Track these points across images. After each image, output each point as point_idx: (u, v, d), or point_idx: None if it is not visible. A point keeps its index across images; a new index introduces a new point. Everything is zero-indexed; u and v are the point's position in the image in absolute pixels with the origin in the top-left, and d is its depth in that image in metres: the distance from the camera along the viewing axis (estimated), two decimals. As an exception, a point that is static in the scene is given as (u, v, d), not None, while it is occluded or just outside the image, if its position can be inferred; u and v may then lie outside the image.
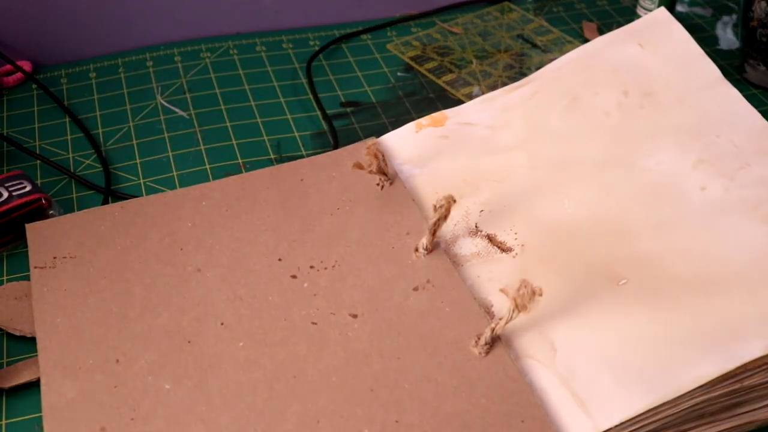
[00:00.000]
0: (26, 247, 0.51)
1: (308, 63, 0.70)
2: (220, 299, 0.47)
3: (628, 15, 0.77)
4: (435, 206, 0.48)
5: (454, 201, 0.48)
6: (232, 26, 0.74)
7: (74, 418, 0.41)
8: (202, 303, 0.47)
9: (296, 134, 0.64)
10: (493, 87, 0.67)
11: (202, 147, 0.62)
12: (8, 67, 0.67)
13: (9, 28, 0.68)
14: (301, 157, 0.60)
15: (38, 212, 0.53)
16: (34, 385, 0.45)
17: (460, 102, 0.66)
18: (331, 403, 0.42)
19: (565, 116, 0.56)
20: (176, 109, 0.66)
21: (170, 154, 0.62)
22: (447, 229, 0.50)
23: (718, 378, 0.41)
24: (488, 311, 0.46)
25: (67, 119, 0.65)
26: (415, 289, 0.47)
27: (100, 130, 0.64)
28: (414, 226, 0.51)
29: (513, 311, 0.42)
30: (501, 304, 0.46)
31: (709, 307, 0.44)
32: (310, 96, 0.68)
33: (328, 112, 0.66)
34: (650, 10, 0.71)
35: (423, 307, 0.46)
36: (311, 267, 0.49)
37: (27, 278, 0.51)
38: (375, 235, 0.50)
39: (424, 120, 0.57)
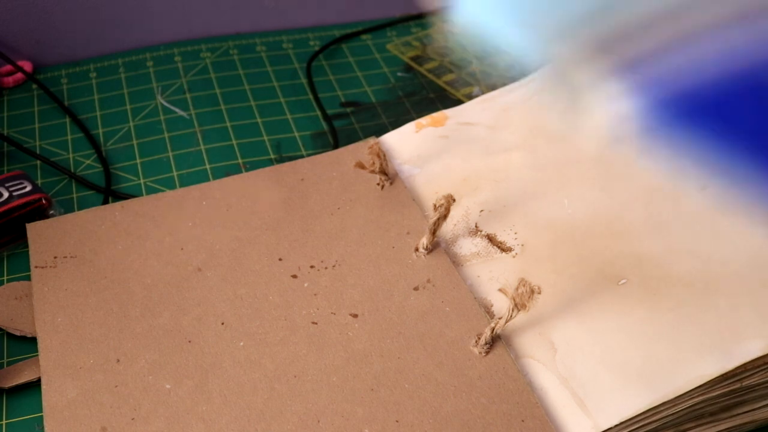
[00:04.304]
0: (27, 246, 0.51)
1: (308, 63, 0.70)
2: (220, 299, 0.47)
3: (628, 15, 0.77)
4: (435, 206, 0.48)
5: (454, 200, 0.48)
6: (232, 26, 0.74)
7: (75, 417, 0.41)
8: (202, 303, 0.47)
9: (296, 134, 0.64)
10: (493, 87, 0.67)
11: (202, 147, 0.62)
12: (8, 67, 0.67)
13: (9, 28, 0.68)
14: (301, 157, 0.60)
15: (38, 212, 0.53)
16: (34, 385, 0.45)
17: (460, 102, 0.66)
18: (332, 402, 0.42)
19: (565, 116, 0.56)
20: (176, 109, 0.66)
21: (170, 154, 0.62)
22: (447, 228, 0.50)
23: (717, 378, 0.41)
24: (488, 311, 0.46)
25: (68, 119, 0.65)
26: (416, 288, 0.47)
27: (100, 130, 0.64)
28: (414, 225, 0.51)
29: (512, 310, 0.42)
30: (501, 304, 0.46)
31: (709, 307, 0.44)
32: (310, 96, 0.68)
33: (328, 112, 0.66)
34: (650, 10, 0.70)
35: (423, 306, 0.46)
36: (311, 267, 0.49)
37: (27, 278, 0.51)
38: (375, 234, 0.50)
39: (424, 120, 0.57)
